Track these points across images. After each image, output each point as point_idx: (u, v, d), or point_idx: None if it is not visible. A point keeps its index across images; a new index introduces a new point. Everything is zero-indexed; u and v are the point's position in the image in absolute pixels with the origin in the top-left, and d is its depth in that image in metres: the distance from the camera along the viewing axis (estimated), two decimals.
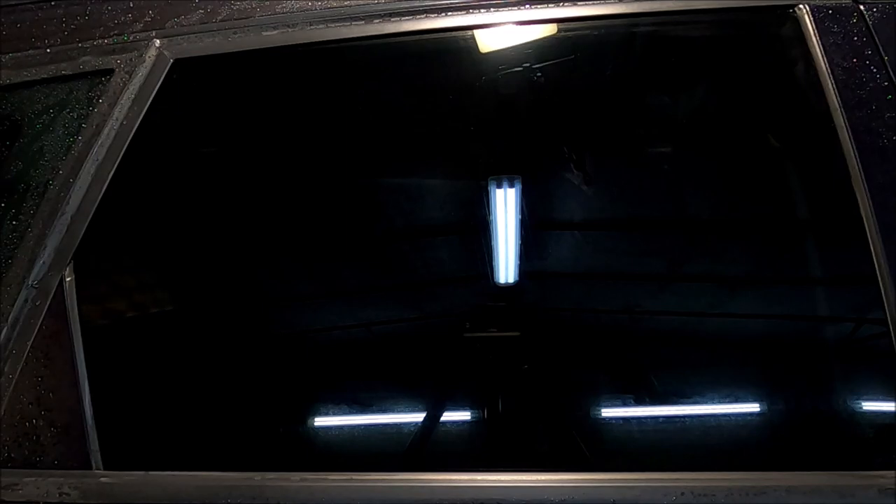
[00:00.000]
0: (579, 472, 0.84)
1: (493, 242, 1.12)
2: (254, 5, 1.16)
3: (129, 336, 1.11)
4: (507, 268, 1.11)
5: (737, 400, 0.96)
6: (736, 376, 0.99)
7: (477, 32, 1.12)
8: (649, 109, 1.15)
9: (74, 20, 1.21)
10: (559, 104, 1.18)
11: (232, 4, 1.17)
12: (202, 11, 1.17)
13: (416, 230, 1.21)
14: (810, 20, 1.00)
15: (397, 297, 1.19)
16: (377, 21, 1.12)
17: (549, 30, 1.12)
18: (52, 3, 1.25)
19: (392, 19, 1.12)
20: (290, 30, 1.13)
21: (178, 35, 1.15)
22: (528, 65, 1.14)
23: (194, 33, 1.15)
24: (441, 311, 1.18)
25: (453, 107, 1.20)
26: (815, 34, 0.99)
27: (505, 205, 1.13)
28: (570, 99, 1.18)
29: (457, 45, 1.14)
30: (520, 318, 1.07)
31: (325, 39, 1.13)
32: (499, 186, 1.13)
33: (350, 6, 1.13)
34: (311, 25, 1.13)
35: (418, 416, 1.04)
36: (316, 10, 1.14)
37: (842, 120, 0.93)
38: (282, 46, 1.13)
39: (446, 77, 1.19)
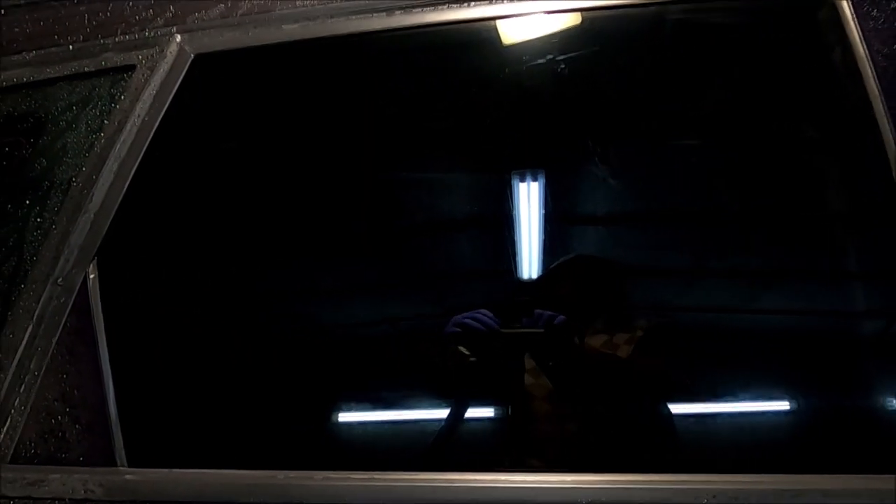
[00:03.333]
0: (610, 473, 0.82)
1: (517, 237, 1.10)
2: None
3: (153, 333, 1.11)
4: (530, 262, 1.10)
5: (771, 399, 0.93)
6: (774, 374, 0.96)
7: (500, 23, 1.10)
8: (682, 100, 1.12)
9: (96, 17, 1.21)
10: (585, 96, 1.15)
11: None
12: (223, 6, 1.17)
13: (438, 224, 1.20)
14: (849, 5, 0.97)
15: (419, 293, 1.18)
16: (399, 13, 1.11)
17: (575, 19, 1.10)
18: (75, 0, 1.25)
19: (414, 11, 1.10)
20: (310, 23, 1.13)
21: (199, 30, 1.15)
22: (552, 56, 1.12)
23: (215, 28, 1.15)
24: (463, 307, 1.16)
25: (477, 99, 1.18)
26: (853, 19, 0.96)
27: (528, 198, 1.11)
28: (596, 90, 1.15)
29: (480, 37, 1.12)
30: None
31: (346, 32, 1.12)
32: (522, 180, 1.11)
33: None
34: (331, 18, 1.12)
35: (440, 414, 1.03)
36: (336, 2, 1.13)
37: (882, 108, 0.90)
38: (303, 40, 1.13)
39: (469, 69, 1.17)
